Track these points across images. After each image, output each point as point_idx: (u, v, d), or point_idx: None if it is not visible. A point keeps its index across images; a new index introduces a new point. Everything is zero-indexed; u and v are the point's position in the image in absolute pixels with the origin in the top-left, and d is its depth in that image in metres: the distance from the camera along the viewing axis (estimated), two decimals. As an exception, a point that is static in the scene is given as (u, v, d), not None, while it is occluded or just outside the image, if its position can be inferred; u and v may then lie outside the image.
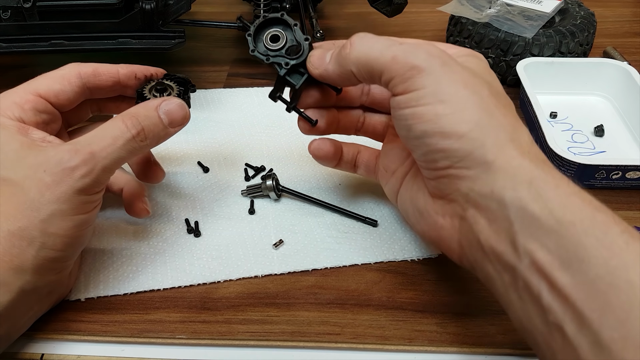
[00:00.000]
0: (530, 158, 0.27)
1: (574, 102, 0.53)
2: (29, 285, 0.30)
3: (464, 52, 0.33)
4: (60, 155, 0.30)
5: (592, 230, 0.24)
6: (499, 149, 0.27)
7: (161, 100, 0.34)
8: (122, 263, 0.38)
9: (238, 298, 0.36)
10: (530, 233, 0.25)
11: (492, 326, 0.34)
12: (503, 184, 0.27)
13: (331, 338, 0.33)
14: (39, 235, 0.29)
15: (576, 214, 0.25)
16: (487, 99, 0.29)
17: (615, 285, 0.23)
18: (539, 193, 0.26)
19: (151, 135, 0.33)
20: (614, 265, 0.23)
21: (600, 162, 0.42)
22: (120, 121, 0.32)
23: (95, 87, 0.36)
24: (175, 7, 0.50)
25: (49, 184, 0.30)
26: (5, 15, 0.47)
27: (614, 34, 0.66)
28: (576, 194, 0.26)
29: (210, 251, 0.39)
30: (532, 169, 0.27)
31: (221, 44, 0.65)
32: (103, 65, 0.36)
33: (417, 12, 0.70)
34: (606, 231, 0.24)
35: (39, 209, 0.29)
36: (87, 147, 0.31)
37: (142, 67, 0.37)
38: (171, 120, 0.34)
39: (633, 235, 0.24)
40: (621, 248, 0.23)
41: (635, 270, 0.23)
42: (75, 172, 0.30)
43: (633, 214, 0.42)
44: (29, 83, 0.35)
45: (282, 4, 0.54)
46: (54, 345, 0.34)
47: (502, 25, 0.55)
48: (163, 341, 0.34)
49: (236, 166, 0.46)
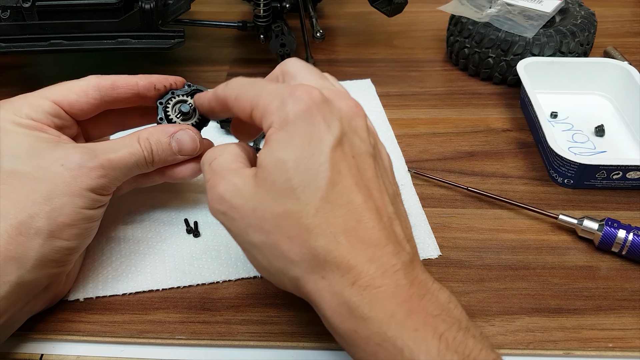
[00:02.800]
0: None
1: (574, 102, 0.53)
2: (28, 276, 0.30)
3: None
4: (80, 154, 0.32)
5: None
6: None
7: (177, 129, 0.36)
8: (121, 263, 0.37)
9: (238, 298, 0.36)
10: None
11: (492, 327, 0.34)
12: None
13: (331, 338, 0.33)
14: (48, 224, 0.30)
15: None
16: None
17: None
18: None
19: (158, 159, 0.35)
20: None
21: (600, 162, 0.42)
22: (136, 140, 0.34)
23: (114, 99, 0.36)
24: (174, 6, 0.50)
25: (65, 177, 0.31)
26: (5, 15, 0.47)
27: (614, 33, 0.66)
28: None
29: (209, 251, 0.39)
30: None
31: (221, 43, 0.65)
32: (122, 78, 0.36)
33: (417, 11, 0.70)
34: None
35: (51, 199, 0.31)
36: (105, 154, 0.33)
37: (161, 77, 0.37)
38: (181, 149, 0.36)
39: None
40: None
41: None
42: (92, 172, 0.32)
43: (633, 214, 0.42)
44: (46, 89, 0.35)
45: (282, 4, 0.54)
46: (53, 345, 0.34)
47: (503, 25, 0.55)
48: (162, 342, 0.34)
49: (236, 166, 0.46)
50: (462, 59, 0.58)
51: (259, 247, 0.28)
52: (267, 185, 0.27)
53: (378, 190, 0.28)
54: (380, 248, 0.26)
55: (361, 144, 0.28)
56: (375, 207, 0.27)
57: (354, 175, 0.27)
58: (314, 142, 0.27)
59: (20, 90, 0.36)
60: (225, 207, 0.28)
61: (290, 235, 0.26)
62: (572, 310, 0.35)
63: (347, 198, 0.26)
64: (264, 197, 0.27)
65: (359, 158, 0.28)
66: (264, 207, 0.27)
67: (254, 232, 0.27)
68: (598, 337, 0.33)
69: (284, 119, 0.27)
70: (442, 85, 0.57)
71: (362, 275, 0.25)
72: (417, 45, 0.64)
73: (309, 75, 0.31)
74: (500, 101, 0.55)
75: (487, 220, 0.41)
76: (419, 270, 0.27)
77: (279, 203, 0.27)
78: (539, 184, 0.45)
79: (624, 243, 0.37)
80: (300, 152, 0.27)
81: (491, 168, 0.46)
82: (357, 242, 0.26)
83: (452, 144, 0.49)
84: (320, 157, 0.26)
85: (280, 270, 0.27)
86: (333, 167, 0.27)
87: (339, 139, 0.27)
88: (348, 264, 0.25)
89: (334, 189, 0.26)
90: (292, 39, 0.54)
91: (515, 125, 0.51)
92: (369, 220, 0.26)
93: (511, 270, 0.38)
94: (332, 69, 0.60)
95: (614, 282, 0.37)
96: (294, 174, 0.26)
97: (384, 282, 0.25)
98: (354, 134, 0.28)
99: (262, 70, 0.59)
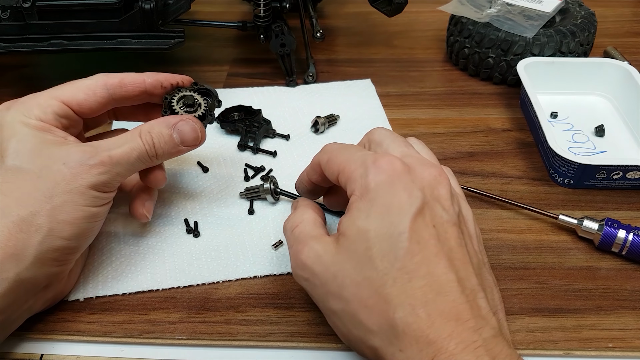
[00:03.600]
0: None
1: (574, 102, 0.53)
2: (26, 274, 0.30)
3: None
4: (81, 152, 0.32)
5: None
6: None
7: (178, 119, 0.36)
8: (121, 263, 0.37)
9: (238, 298, 0.36)
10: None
11: (492, 327, 0.34)
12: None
13: (331, 338, 0.33)
14: (48, 221, 0.30)
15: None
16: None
17: None
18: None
19: (161, 152, 0.35)
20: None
21: (600, 162, 0.42)
22: (137, 134, 0.34)
23: (121, 97, 0.37)
24: (174, 6, 0.50)
25: (66, 175, 0.31)
26: (5, 15, 0.47)
27: (614, 33, 0.66)
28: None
29: (209, 251, 0.39)
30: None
31: (221, 43, 0.65)
32: (129, 75, 0.37)
33: (418, 11, 0.70)
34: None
35: (52, 197, 0.31)
36: (107, 151, 0.33)
37: (169, 75, 0.38)
38: (183, 140, 0.36)
39: None
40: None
41: None
42: (93, 170, 0.32)
43: (633, 214, 0.42)
44: (55, 89, 0.35)
45: (282, 4, 0.54)
46: (53, 345, 0.34)
47: (503, 25, 0.55)
48: (162, 342, 0.34)
49: (236, 166, 0.46)
50: (462, 59, 0.58)
51: (339, 314, 0.28)
52: (348, 253, 0.27)
53: (461, 260, 0.27)
54: (461, 323, 0.25)
55: (443, 212, 0.28)
56: (457, 278, 0.26)
57: (435, 245, 0.27)
58: (393, 212, 0.27)
59: (20, 90, 0.36)
60: (307, 273, 0.29)
61: (368, 304, 0.26)
62: (572, 310, 0.35)
63: (427, 269, 0.26)
64: (344, 264, 0.27)
65: (441, 227, 0.28)
66: (344, 275, 0.27)
67: (334, 300, 0.28)
68: (598, 337, 0.33)
69: (365, 187, 0.28)
70: (442, 85, 0.57)
71: (442, 351, 0.24)
72: (417, 45, 0.64)
73: (393, 143, 0.32)
74: (500, 101, 0.55)
75: (487, 220, 0.41)
76: (503, 345, 0.26)
77: (359, 271, 0.27)
78: (539, 184, 0.45)
79: (624, 243, 0.37)
80: (380, 222, 0.27)
81: (491, 168, 0.46)
82: (437, 316, 0.25)
83: (452, 144, 0.49)
84: (399, 226, 0.27)
85: (359, 338, 0.27)
86: (412, 237, 0.26)
87: (419, 209, 0.27)
88: (427, 339, 0.25)
89: (413, 260, 0.26)
90: (292, 39, 0.54)
91: (515, 125, 0.51)
92: (450, 292, 0.26)
93: (511, 270, 0.38)
94: (332, 69, 0.60)
95: (614, 282, 0.37)
96: (374, 244, 0.27)
97: (463, 358, 0.24)
98: (436, 202, 0.28)
99: (262, 70, 0.59)
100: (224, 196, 0.43)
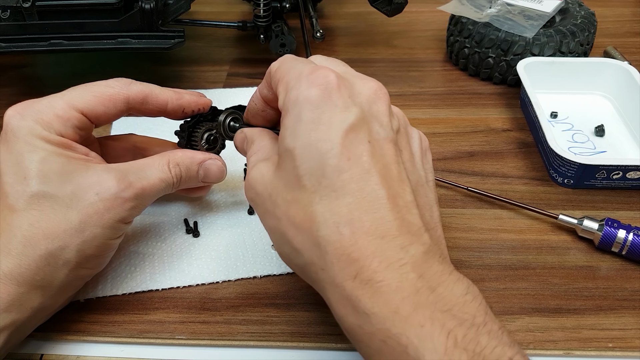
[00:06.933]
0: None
1: (574, 102, 0.53)
2: (49, 302, 0.31)
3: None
4: (114, 181, 0.31)
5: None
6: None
7: (207, 157, 0.36)
8: (121, 263, 0.37)
9: (237, 298, 0.36)
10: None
11: (492, 327, 0.34)
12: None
13: (331, 338, 0.33)
14: (77, 256, 0.31)
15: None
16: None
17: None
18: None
19: (183, 185, 0.36)
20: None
21: (600, 162, 0.42)
22: (166, 165, 0.34)
23: (138, 112, 0.36)
24: (174, 6, 0.50)
25: (99, 209, 0.31)
26: (5, 14, 0.47)
27: (614, 33, 0.66)
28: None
29: (209, 251, 0.39)
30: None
31: (221, 43, 0.65)
32: (152, 94, 0.35)
33: (418, 11, 0.70)
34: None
35: (83, 231, 0.30)
36: (139, 182, 0.32)
37: (192, 101, 0.36)
38: (206, 177, 0.36)
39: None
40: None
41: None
42: (127, 204, 0.32)
43: (633, 214, 0.42)
44: (72, 95, 0.33)
45: (282, 4, 0.54)
46: (53, 345, 0.34)
47: (503, 25, 0.55)
48: (162, 342, 0.34)
49: (236, 166, 0.46)
50: (462, 59, 0.58)
51: (273, 232, 0.28)
52: (281, 172, 0.27)
53: (397, 177, 0.26)
54: (388, 240, 0.24)
55: (380, 129, 0.27)
56: (388, 195, 0.25)
57: (367, 162, 0.25)
58: (321, 128, 0.25)
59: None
60: (252, 193, 0.29)
61: (295, 222, 0.26)
62: (572, 310, 0.35)
63: (357, 186, 0.25)
64: (277, 183, 0.27)
65: (377, 144, 0.26)
66: (277, 194, 0.27)
67: (269, 218, 0.28)
68: (598, 337, 0.33)
69: (293, 101, 0.26)
70: (442, 85, 0.57)
71: (365, 269, 0.24)
72: (417, 45, 0.64)
73: (334, 62, 0.30)
74: (500, 101, 0.55)
75: (487, 220, 0.41)
76: (433, 262, 0.25)
77: (289, 190, 0.26)
78: (539, 184, 0.45)
79: (624, 243, 0.37)
80: (306, 139, 0.25)
81: (491, 168, 0.46)
82: (361, 234, 0.24)
83: (452, 144, 0.49)
84: (327, 142, 0.25)
85: (289, 257, 0.27)
86: (342, 153, 0.25)
87: (352, 125, 0.25)
88: (350, 257, 0.24)
89: (341, 176, 0.25)
90: (292, 39, 0.54)
91: (515, 125, 0.51)
92: (379, 209, 0.25)
93: (511, 270, 0.38)
94: (332, 69, 0.59)
95: (614, 282, 0.37)
96: (301, 162, 0.25)
97: (386, 276, 0.23)
98: (374, 118, 0.27)
99: (262, 70, 0.58)
100: (224, 196, 0.43)
